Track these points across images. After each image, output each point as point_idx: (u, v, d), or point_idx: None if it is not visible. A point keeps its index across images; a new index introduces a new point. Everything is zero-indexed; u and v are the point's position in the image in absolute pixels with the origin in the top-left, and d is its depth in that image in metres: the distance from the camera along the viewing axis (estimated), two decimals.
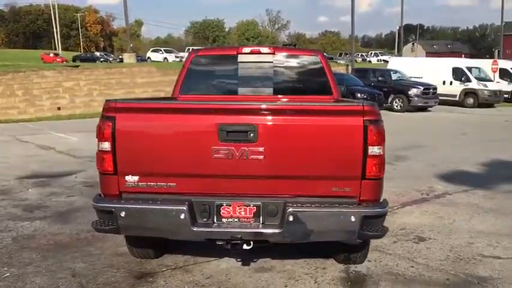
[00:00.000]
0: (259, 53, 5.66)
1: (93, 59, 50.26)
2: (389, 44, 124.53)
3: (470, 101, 24.48)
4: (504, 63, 28.54)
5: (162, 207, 3.51)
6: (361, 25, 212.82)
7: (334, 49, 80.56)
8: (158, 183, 3.60)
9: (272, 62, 5.66)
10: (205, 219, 3.60)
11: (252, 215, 3.60)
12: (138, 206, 3.53)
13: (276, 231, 3.49)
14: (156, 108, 3.60)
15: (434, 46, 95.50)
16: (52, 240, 5.19)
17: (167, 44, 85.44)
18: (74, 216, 6.08)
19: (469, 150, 11.33)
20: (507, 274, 4.35)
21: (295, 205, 3.46)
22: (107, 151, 3.59)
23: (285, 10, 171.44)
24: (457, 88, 24.72)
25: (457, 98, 24.59)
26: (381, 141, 3.47)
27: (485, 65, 27.33)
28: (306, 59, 5.79)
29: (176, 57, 45.34)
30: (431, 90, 21.82)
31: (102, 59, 51.00)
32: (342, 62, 39.75)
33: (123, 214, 3.52)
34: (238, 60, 5.66)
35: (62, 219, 5.95)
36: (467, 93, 24.55)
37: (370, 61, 58.58)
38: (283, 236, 3.50)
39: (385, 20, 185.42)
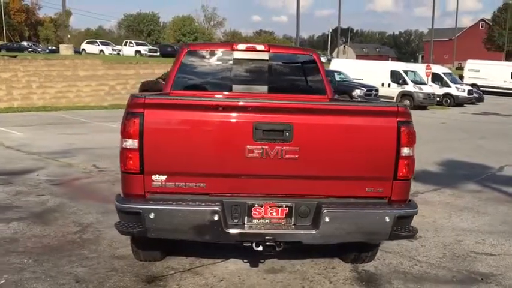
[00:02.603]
0: (255, 50, 5.57)
1: (20, 49, 47.35)
2: (321, 45, 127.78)
3: (407, 103, 25.46)
4: (436, 68, 30.13)
5: (195, 208, 3.36)
6: (295, 26, 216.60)
7: None
8: (187, 183, 3.44)
9: (267, 60, 5.60)
10: (236, 220, 3.49)
11: (284, 216, 3.53)
12: (169, 207, 3.35)
13: (312, 232, 3.44)
14: (188, 105, 3.42)
15: (364, 49, 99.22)
16: (39, 243, 4.83)
17: (98, 36, 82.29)
18: (52, 217, 5.69)
19: (421, 150, 11.77)
20: (504, 270, 4.58)
21: (331, 206, 3.43)
22: (133, 149, 3.38)
23: (220, 8, 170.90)
24: (394, 90, 25.76)
25: (394, 100, 25.60)
26: (412, 142, 3.52)
27: (420, 69, 28.73)
28: (300, 58, 5.79)
29: (113, 50, 43.76)
30: (373, 91, 22.62)
31: (30, 49, 48.24)
32: None
33: (152, 216, 3.33)
34: (233, 57, 5.55)
35: (40, 220, 5.55)
36: (404, 95, 25.62)
37: None
38: (318, 237, 3.46)
39: (316, 22, 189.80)
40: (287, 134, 3.37)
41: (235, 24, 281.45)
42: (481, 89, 34.71)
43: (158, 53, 42.02)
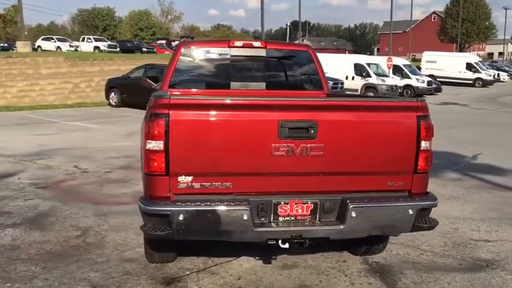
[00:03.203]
0: (252, 46, 5.58)
1: None
2: (279, 39, 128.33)
3: (371, 95, 26.11)
4: (396, 60, 30.86)
5: (224, 208, 3.33)
6: (252, 20, 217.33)
7: None
8: (213, 183, 3.41)
9: (264, 57, 5.61)
10: (262, 219, 3.49)
11: (309, 213, 3.56)
12: (198, 208, 3.31)
13: (340, 227, 3.48)
14: (213, 105, 3.38)
15: (322, 42, 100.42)
16: (42, 250, 4.67)
17: (51, 31, 79.60)
18: (48, 222, 5.52)
19: None
20: (505, 256, 4.77)
21: (357, 201, 3.48)
22: (157, 151, 3.32)
23: (177, 2, 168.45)
24: (358, 83, 26.27)
25: (358, 92, 26.07)
26: (430, 136, 3.61)
27: (381, 61, 29.36)
28: (297, 54, 5.84)
29: (71, 46, 42.44)
30: (339, 84, 22.96)
31: None
32: None
33: (181, 217, 3.28)
34: (231, 53, 5.53)
35: (37, 226, 5.36)
36: (368, 87, 26.17)
37: None
38: (345, 232, 3.51)
39: (274, 16, 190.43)
40: (312, 131, 3.39)
41: (193, 19, 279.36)
42: (438, 79, 35.78)
43: (118, 49, 41.11)
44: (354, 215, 3.45)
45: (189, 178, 3.38)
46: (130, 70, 18.84)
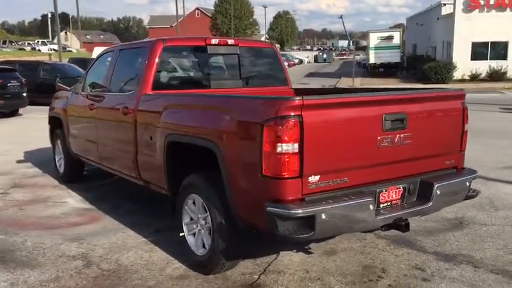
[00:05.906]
0: (226, 44, 5.54)
1: None
2: (35, 31, 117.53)
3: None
4: None
5: (357, 201, 3.45)
6: None
7: None
8: (335, 180, 3.49)
9: (238, 54, 5.63)
10: (373, 207, 3.70)
11: (400, 196, 3.91)
12: (338, 205, 3.35)
13: (429, 205, 3.92)
14: (340, 103, 3.47)
15: (88, 36, 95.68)
16: None
17: None
18: (24, 257, 4.55)
19: None
20: (462, 213, 5.79)
21: (437, 180, 3.97)
22: (291, 153, 3.25)
23: None
24: None
25: None
26: (468, 119, 4.33)
27: None
28: (264, 51, 6.02)
29: None
30: None
31: None
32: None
33: (323, 217, 3.28)
34: (208, 52, 5.40)
35: (15, 264, 4.39)
36: None
37: (39, 50, 54.42)
38: (431, 209, 3.98)
39: (24, 5, 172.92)
40: (405, 122, 3.76)
41: None
42: None
43: None
44: (438, 193, 3.93)
45: (317, 177, 3.39)
46: None
